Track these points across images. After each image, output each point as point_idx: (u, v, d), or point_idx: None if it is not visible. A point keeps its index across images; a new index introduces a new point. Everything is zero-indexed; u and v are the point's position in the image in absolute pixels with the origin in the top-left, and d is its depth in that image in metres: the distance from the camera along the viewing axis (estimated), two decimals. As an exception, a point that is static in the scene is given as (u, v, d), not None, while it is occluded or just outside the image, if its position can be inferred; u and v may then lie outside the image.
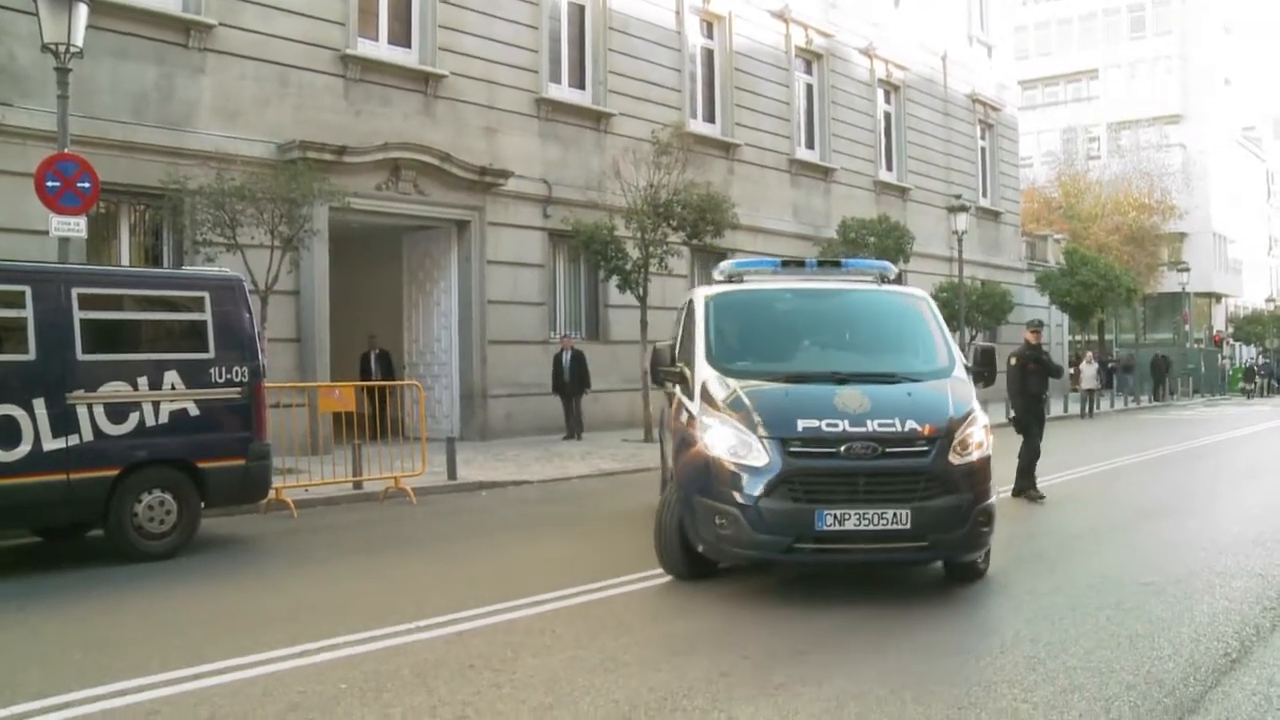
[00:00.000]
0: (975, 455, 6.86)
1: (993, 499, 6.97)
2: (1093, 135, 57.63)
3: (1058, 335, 38.12)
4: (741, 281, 8.40)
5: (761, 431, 6.71)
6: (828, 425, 6.65)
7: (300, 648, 5.92)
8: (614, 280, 18.26)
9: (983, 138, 34.46)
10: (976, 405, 7.14)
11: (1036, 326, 12.43)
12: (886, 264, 8.77)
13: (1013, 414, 12.34)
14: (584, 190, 19.73)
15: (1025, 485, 11.74)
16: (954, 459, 6.73)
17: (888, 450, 6.62)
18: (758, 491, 6.61)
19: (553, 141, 19.69)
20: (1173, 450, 17.96)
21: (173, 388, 8.68)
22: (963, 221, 25.08)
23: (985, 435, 6.99)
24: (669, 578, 7.56)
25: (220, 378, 8.93)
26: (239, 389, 9.02)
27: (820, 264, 8.73)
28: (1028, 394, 11.96)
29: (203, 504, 8.97)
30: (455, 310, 18.49)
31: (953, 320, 26.14)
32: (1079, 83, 60.03)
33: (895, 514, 6.54)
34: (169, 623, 6.64)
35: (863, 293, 8.38)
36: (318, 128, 15.87)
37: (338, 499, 11.70)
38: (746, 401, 6.93)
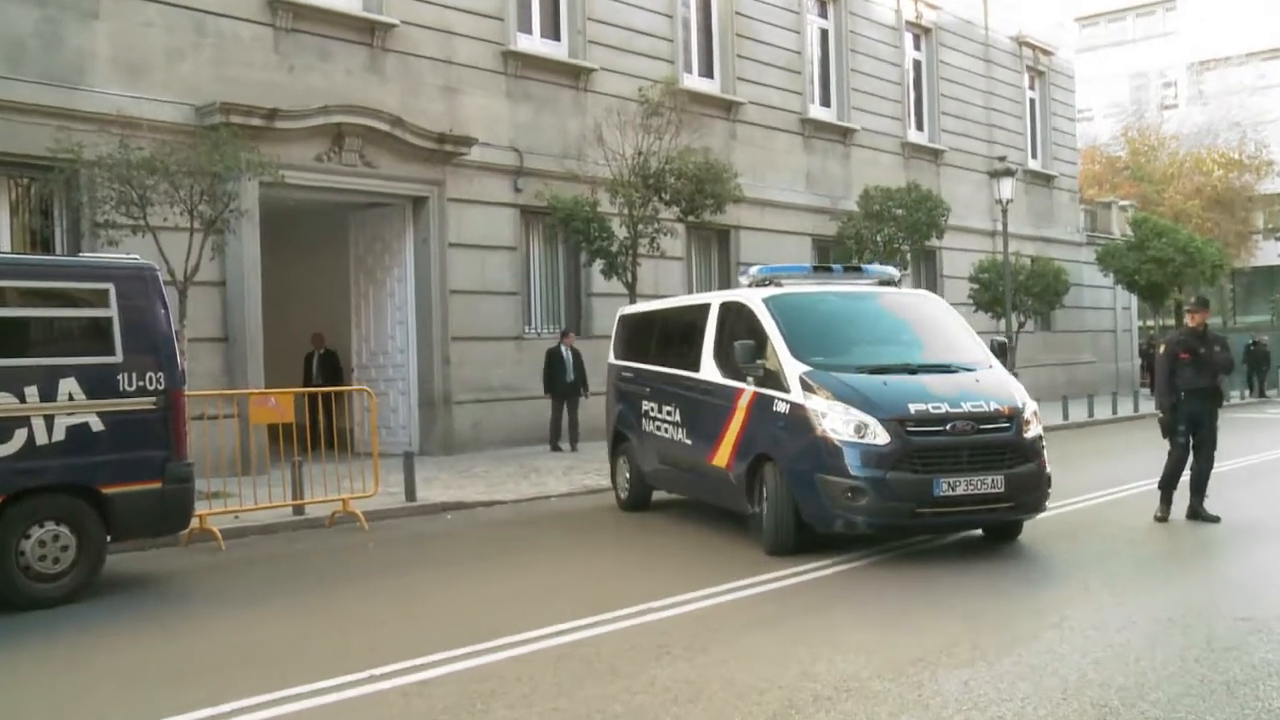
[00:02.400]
0: (1035, 431, 9.49)
1: (1050, 468, 9.60)
2: (1169, 80, 55.96)
3: (1124, 320, 38.09)
4: (779, 285, 10.81)
5: (879, 414, 9.02)
6: (933, 408, 9.08)
7: (229, 706, 5.83)
8: (598, 264, 18.19)
9: (1032, 88, 34.42)
10: (1024, 390, 9.86)
11: (1196, 306, 11.58)
12: (893, 270, 11.71)
13: (1160, 413, 11.47)
14: (561, 159, 19.63)
15: (1165, 498, 11.26)
16: (1025, 433, 9.34)
17: (980, 427, 9.13)
18: (885, 466, 8.95)
19: (523, 102, 19.59)
20: (1273, 456, 17.74)
21: (70, 398, 8.53)
22: (1008, 188, 24.97)
23: (1036, 416, 9.64)
24: (667, 613, 7.60)
25: (130, 386, 8.80)
26: (153, 399, 8.90)
27: (845, 269, 11.80)
28: (1176, 389, 11.21)
29: (108, 537, 8.85)
30: (412, 302, 18.40)
31: (996, 305, 26.13)
32: (1152, 16, 58.35)
33: (993, 479, 9.07)
34: (66, 682, 6.52)
35: (891, 295, 11.13)
36: (243, 86, 15.73)
37: (275, 526, 11.65)
38: (854, 390, 9.25)
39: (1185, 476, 11.31)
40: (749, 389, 10.07)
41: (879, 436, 8.97)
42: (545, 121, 19.90)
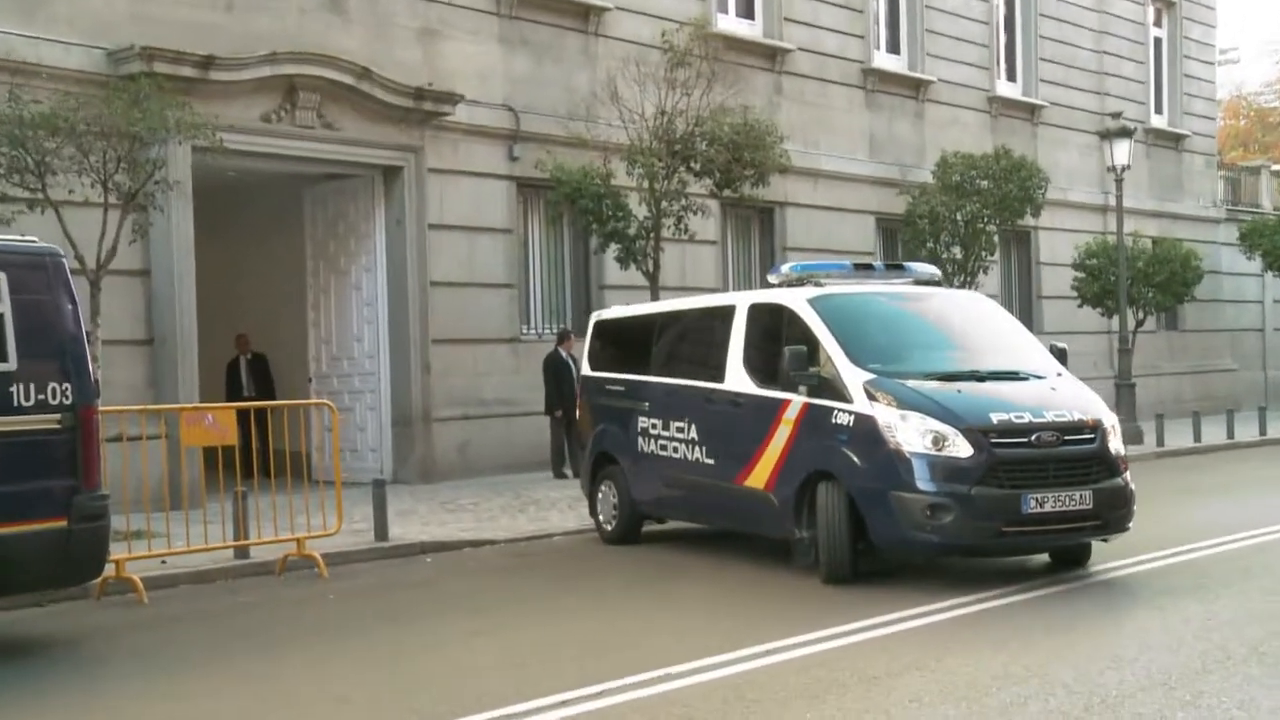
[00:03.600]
0: (1117, 443, 10.72)
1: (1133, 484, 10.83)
2: (1346, 5, 54.69)
3: (1275, 316, 37.56)
4: (819, 285, 11.87)
5: (960, 425, 10.06)
6: (1015, 417, 10.20)
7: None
8: (612, 250, 18.18)
9: (1158, 24, 34.15)
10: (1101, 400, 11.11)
11: None
12: (934, 268, 13.35)
13: None
14: (566, 121, 19.58)
15: None
16: (1109, 446, 10.55)
17: (1065, 438, 10.26)
18: (969, 480, 9.96)
19: (520, 50, 19.58)
20: None
21: (-52, 415, 8.51)
22: (1124, 152, 24.75)
23: (1116, 429, 10.83)
24: (693, 679, 7.62)
25: (26, 400, 8.73)
26: (57, 416, 8.85)
27: (887, 267, 13.50)
28: None
29: (-3, 589, 8.83)
30: (383, 296, 18.42)
31: (1107, 298, 25.86)
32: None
33: (1080, 495, 10.18)
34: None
35: (942, 296, 12.73)
36: (169, 27, 15.62)
37: (212, 573, 11.65)
38: (929, 398, 10.30)
39: None
40: (798, 400, 10.97)
41: (960, 449, 10.01)
42: (547, 74, 19.87)
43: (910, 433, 10.10)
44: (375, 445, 18.50)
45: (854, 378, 10.55)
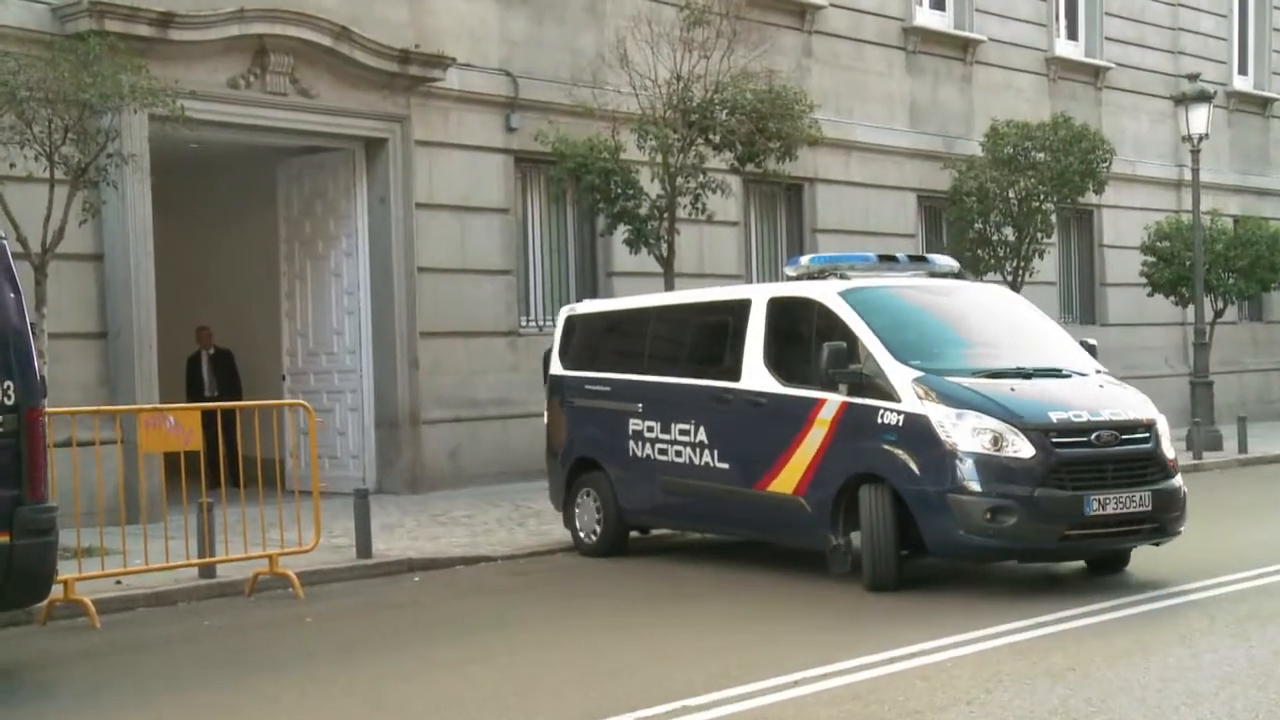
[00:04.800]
0: (1168, 444, 11.54)
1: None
2: None
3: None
4: (846, 278, 12.51)
5: (1019, 423, 10.76)
6: (1075, 415, 10.95)
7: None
8: (621, 232, 18.17)
9: (1241, -27, 33.89)
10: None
11: None
12: (953, 261, 14.26)
13: None
14: (570, 88, 19.56)
15: None
16: (1163, 446, 11.39)
17: (1123, 437, 11.06)
18: (1031, 482, 10.66)
19: (519, 7, 19.62)
20: None
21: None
22: (1201, 119, 24.66)
23: (1165, 429, 11.66)
24: (710, 713, 7.56)
25: (-37, 399, 8.78)
26: (-1, 418, 8.88)
27: (911, 259, 13.97)
28: None
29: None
30: (365, 284, 18.47)
31: (1181, 285, 25.73)
32: None
33: (1140, 496, 10.93)
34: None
35: (971, 290, 13.69)
36: (123, -19, 15.67)
37: (173, 594, 11.67)
38: (984, 396, 11.00)
39: None
40: (835, 399, 11.52)
41: (1021, 449, 10.71)
42: (549, 34, 19.91)
43: (966, 432, 10.77)
44: (357, 451, 18.55)
45: (901, 375, 11.15)
